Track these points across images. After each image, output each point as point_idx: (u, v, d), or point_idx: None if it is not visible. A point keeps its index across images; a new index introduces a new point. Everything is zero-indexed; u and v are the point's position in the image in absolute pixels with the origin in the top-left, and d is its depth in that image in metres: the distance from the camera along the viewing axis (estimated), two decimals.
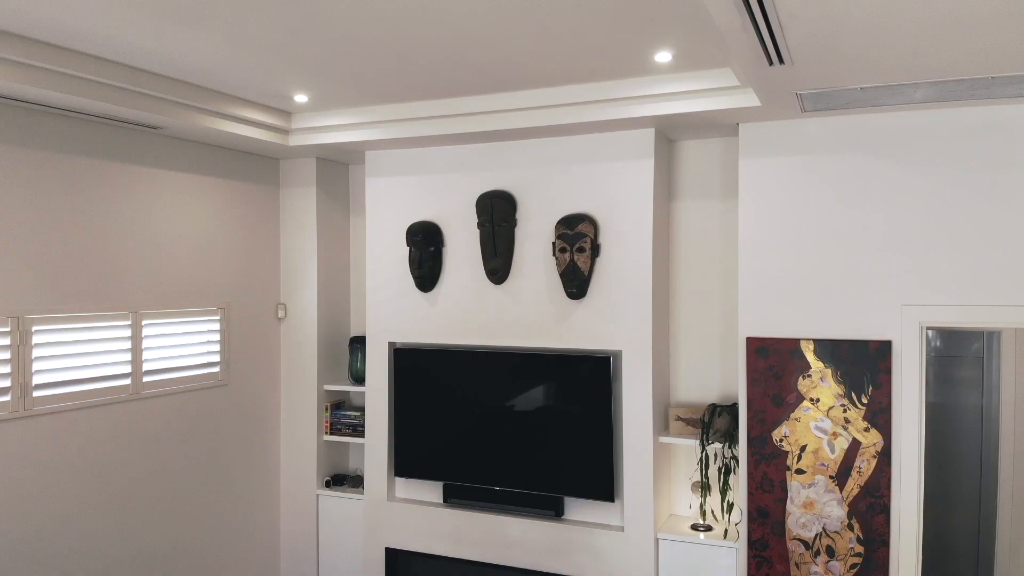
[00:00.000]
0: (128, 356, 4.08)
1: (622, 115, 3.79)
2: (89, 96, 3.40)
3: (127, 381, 4.08)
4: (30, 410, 3.61)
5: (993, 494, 4.91)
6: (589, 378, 4.22)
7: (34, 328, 3.63)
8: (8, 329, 3.53)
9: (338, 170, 5.24)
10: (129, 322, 4.09)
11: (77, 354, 3.82)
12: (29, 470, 3.62)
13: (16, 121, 3.57)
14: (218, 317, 4.65)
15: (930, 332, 5.01)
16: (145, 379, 4.18)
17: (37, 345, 3.64)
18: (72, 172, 3.82)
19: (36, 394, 3.64)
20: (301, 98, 4.08)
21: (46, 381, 3.68)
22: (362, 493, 4.92)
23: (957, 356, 5.00)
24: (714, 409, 4.15)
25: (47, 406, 3.68)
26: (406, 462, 4.68)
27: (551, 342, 4.35)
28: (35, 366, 3.63)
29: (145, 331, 4.17)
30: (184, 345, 4.42)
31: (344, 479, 5.12)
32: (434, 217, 4.64)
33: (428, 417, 4.62)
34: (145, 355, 4.17)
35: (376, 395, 4.80)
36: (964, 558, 5.00)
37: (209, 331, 4.59)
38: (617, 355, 4.24)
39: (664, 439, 4.21)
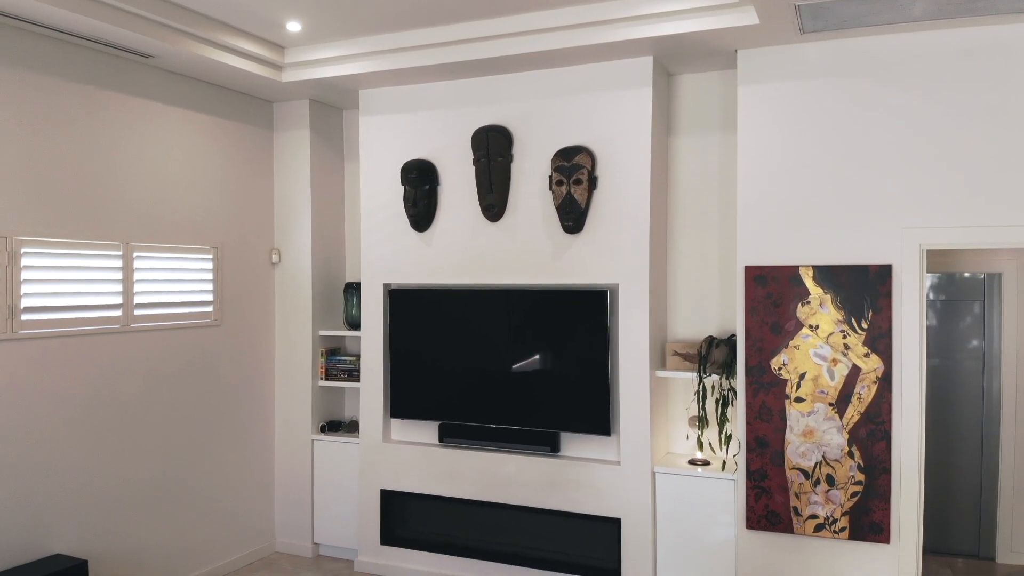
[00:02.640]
0: (119, 287, 4.03)
1: (620, 37, 3.74)
2: (81, 12, 3.35)
3: (118, 312, 4.02)
4: (17, 333, 3.56)
5: (995, 444, 4.86)
6: (586, 312, 4.17)
7: (23, 250, 3.58)
8: None
9: (332, 115, 5.19)
10: (120, 252, 4.04)
11: (66, 280, 3.77)
12: (16, 393, 3.57)
13: (10, 42, 3.52)
14: (211, 256, 4.60)
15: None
16: (136, 312, 4.12)
17: (26, 268, 3.59)
18: (65, 97, 3.77)
19: (24, 317, 3.59)
20: (294, 26, 4.03)
21: (35, 305, 3.63)
22: (357, 438, 4.87)
23: (958, 301, 4.95)
24: (711, 341, 4.10)
25: (35, 330, 3.63)
26: (402, 403, 4.63)
27: (548, 278, 4.30)
28: (24, 288, 3.58)
29: (136, 263, 4.12)
30: (176, 281, 4.37)
31: (339, 425, 5.07)
32: (429, 155, 4.59)
33: (424, 357, 4.57)
34: (136, 287, 4.12)
35: (371, 336, 4.75)
36: (967, 507, 4.95)
37: (202, 270, 4.54)
38: (614, 289, 4.19)
39: (661, 373, 4.17)
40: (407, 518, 4.69)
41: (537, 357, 4.29)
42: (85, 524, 3.87)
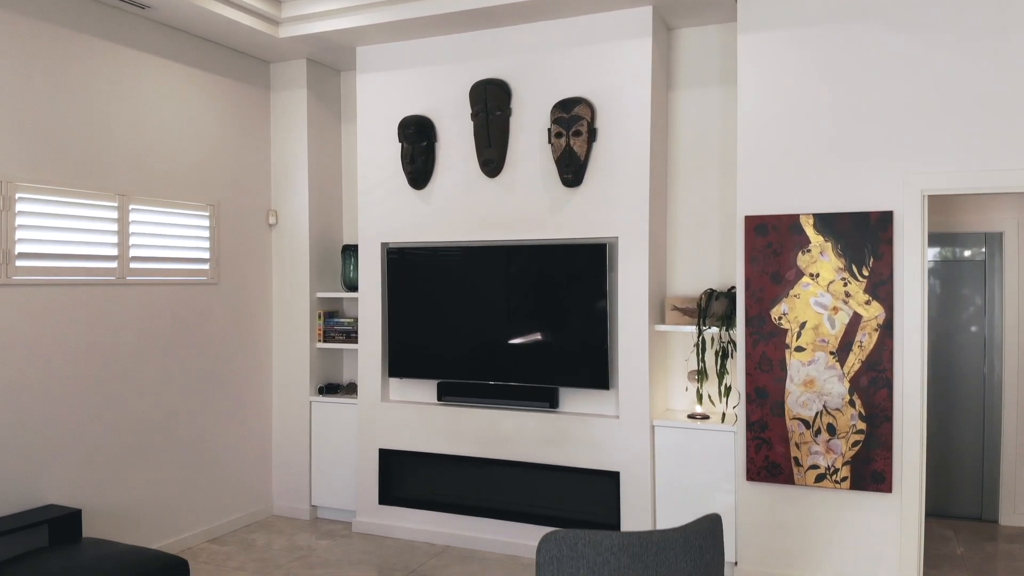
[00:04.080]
0: (115, 239, 4.00)
1: None
2: None
3: (113, 264, 3.99)
4: (11, 279, 3.53)
5: (997, 407, 4.83)
6: (585, 266, 4.14)
7: (18, 195, 3.55)
8: None
9: (329, 76, 5.16)
10: (116, 204, 4.01)
11: (62, 228, 3.74)
12: (8, 340, 3.54)
13: None
14: (207, 214, 4.57)
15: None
16: (132, 265, 4.09)
17: (21, 213, 3.56)
18: (61, 44, 3.74)
19: (19, 263, 3.56)
20: None
21: (29, 251, 3.60)
22: (355, 400, 4.84)
23: (959, 261, 4.92)
24: (711, 293, 4.07)
25: (29, 277, 3.60)
26: (400, 362, 4.60)
27: (547, 233, 4.27)
28: (18, 234, 3.55)
29: (132, 216, 4.09)
30: (173, 236, 4.34)
31: (337, 388, 5.03)
32: (427, 111, 4.56)
33: (422, 316, 4.54)
34: (132, 240, 4.09)
35: (369, 295, 4.72)
36: (969, 471, 4.91)
37: (198, 227, 4.51)
38: (613, 242, 4.16)
39: (660, 327, 4.13)
40: (405, 477, 4.66)
41: (536, 313, 4.26)
42: (78, 475, 3.84)
